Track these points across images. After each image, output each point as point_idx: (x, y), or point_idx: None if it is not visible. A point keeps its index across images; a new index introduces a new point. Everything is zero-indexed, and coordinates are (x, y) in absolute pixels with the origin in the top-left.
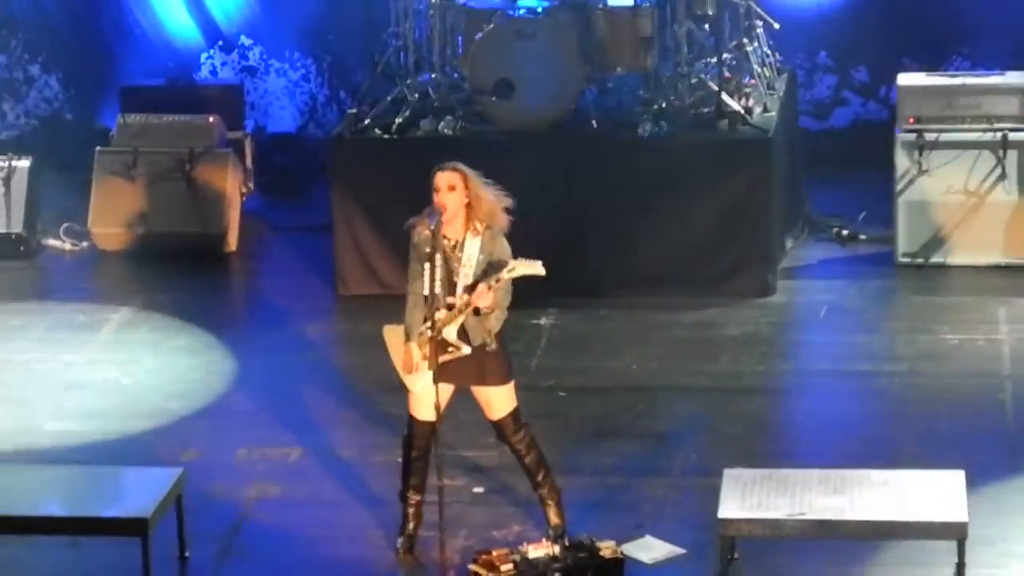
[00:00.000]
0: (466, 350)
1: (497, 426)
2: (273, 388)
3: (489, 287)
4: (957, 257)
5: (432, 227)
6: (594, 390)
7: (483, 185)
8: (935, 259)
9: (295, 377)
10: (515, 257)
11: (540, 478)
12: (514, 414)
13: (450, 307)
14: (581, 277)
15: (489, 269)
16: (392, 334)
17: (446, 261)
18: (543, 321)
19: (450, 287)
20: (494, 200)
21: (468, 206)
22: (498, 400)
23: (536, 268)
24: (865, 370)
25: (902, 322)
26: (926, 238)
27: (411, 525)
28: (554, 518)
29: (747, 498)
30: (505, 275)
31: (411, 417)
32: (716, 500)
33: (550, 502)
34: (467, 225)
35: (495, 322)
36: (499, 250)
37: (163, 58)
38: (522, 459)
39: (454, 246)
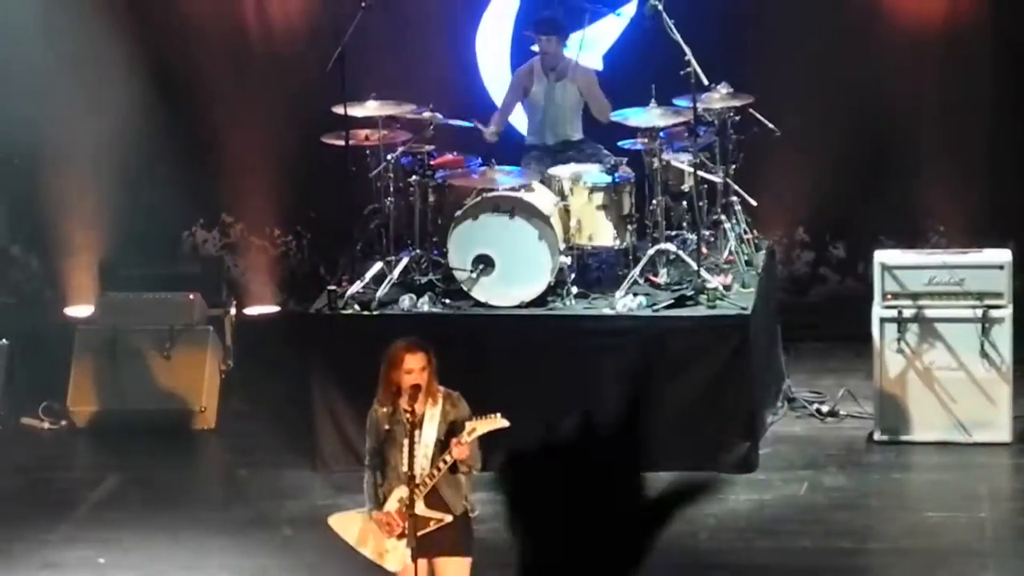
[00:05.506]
0: (448, 518)
1: None
2: (250, 566)
3: (460, 442)
4: (937, 434)
5: (406, 407)
6: None
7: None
8: (915, 436)
9: (273, 555)
10: (473, 417)
11: None
12: None
13: (411, 479)
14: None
15: (450, 434)
16: (340, 522)
17: (411, 436)
18: None
19: (411, 461)
20: None
21: (428, 377)
22: (462, 574)
23: (497, 422)
24: (846, 547)
25: (883, 499)
26: (905, 415)
27: None
28: None
29: None
30: (466, 437)
31: None
32: None
33: None
34: (426, 398)
35: (468, 488)
36: (461, 414)
37: (145, 235)
38: None
39: (416, 420)
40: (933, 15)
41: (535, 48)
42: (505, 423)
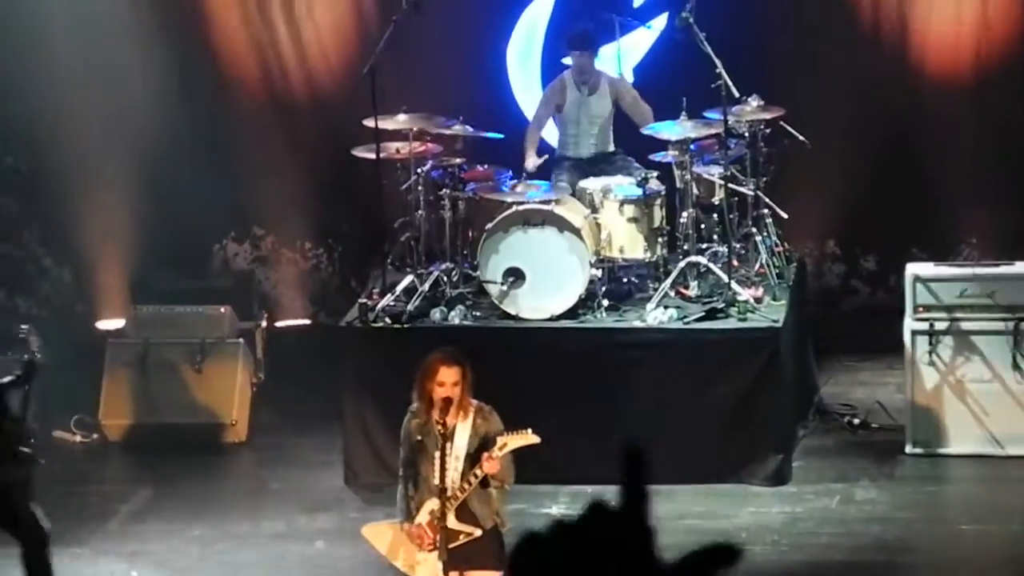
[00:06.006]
0: (477, 532)
1: None
2: None
3: (491, 456)
4: (969, 447)
5: (437, 419)
6: None
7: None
8: (947, 449)
9: (306, 568)
10: (507, 432)
11: None
12: None
13: (442, 492)
14: (592, 465)
15: (481, 448)
16: (373, 532)
17: (441, 449)
18: (554, 510)
19: (442, 474)
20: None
21: (461, 392)
22: None
23: (528, 438)
24: (879, 560)
25: (916, 512)
26: (938, 428)
27: None
28: None
29: None
30: (497, 452)
31: None
32: None
33: None
34: (457, 411)
35: (500, 502)
36: (492, 428)
37: (176, 248)
38: None
39: (447, 433)
40: (968, 30)
41: (566, 60)
42: (536, 439)
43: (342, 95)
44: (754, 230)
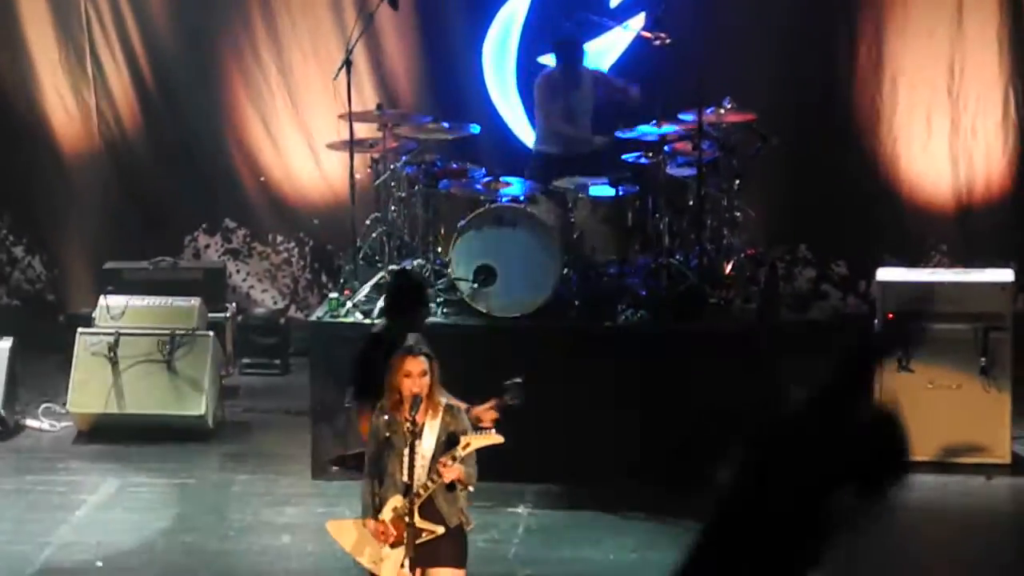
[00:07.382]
0: (440, 530)
1: None
2: (249, 572)
3: (453, 459)
4: (936, 454)
5: (411, 414)
6: None
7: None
8: (913, 456)
9: (272, 561)
10: (473, 431)
11: None
12: None
13: (409, 489)
14: (559, 465)
15: (448, 446)
16: (337, 528)
17: (410, 446)
18: (520, 509)
19: (409, 471)
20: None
21: (429, 388)
22: None
23: (492, 438)
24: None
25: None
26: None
27: None
28: None
29: None
30: (461, 452)
31: None
32: None
33: None
34: (427, 408)
35: (464, 500)
36: (461, 427)
37: (147, 239)
38: None
39: (416, 430)
40: (945, 40)
41: (542, 60)
42: (500, 439)
43: (317, 88)
44: (726, 232)
